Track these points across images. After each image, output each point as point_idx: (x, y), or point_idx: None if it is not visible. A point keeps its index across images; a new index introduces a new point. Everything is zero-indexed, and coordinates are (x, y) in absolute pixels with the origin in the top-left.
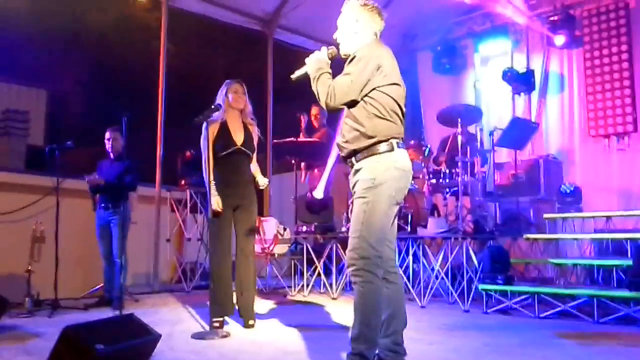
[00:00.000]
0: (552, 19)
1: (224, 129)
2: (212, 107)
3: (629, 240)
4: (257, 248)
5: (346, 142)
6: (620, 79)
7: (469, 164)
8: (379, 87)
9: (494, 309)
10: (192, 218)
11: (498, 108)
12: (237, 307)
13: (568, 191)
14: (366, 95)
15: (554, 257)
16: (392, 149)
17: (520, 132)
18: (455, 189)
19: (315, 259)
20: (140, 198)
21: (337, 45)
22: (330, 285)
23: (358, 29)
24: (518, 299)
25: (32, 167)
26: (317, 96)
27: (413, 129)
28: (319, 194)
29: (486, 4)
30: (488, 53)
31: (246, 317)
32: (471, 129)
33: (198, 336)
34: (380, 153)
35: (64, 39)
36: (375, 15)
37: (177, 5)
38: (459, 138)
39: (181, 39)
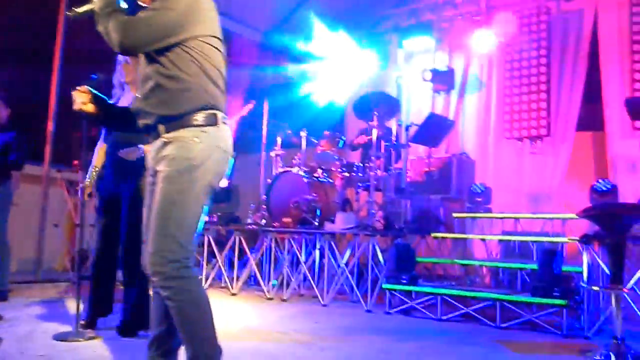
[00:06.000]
0: (475, 18)
1: None
2: None
3: (535, 243)
4: None
5: (149, 104)
6: (537, 82)
7: (382, 159)
8: (201, 36)
9: (397, 309)
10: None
11: (418, 105)
12: None
13: (479, 191)
14: (182, 43)
15: (461, 257)
16: (216, 123)
17: (435, 128)
18: (368, 183)
19: (216, 252)
20: (26, 177)
21: None
22: (232, 279)
23: None
24: (422, 299)
25: None
26: (105, 36)
27: (331, 120)
28: (222, 181)
29: None
30: (412, 49)
31: None
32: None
33: (60, 337)
34: (200, 125)
35: None
36: None
37: None
38: (374, 131)
39: None
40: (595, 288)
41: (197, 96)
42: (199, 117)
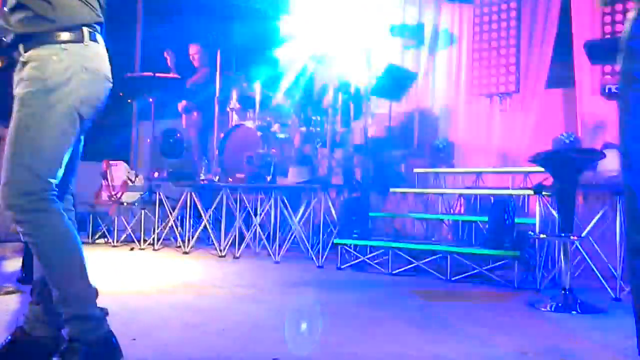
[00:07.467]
0: None
1: None
2: None
3: (494, 197)
4: (104, 195)
5: (9, 21)
6: (506, 37)
7: (340, 112)
8: None
9: (349, 264)
10: None
11: (387, 61)
12: None
13: (441, 146)
14: None
15: (423, 213)
16: (81, 40)
17: (395, 81)
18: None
19: (169, 209)
20: None
21: None
22: (184, 238)
23: None
24: (374, 253)
25: None
26: None
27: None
28: None
29: None
30: (380, 2)
31: None
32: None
33: None
34: (61, 43)
35: None
36: None
37: None
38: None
39: None
40: (543, 236)
41: (58, 12)
42: (61, 34)
